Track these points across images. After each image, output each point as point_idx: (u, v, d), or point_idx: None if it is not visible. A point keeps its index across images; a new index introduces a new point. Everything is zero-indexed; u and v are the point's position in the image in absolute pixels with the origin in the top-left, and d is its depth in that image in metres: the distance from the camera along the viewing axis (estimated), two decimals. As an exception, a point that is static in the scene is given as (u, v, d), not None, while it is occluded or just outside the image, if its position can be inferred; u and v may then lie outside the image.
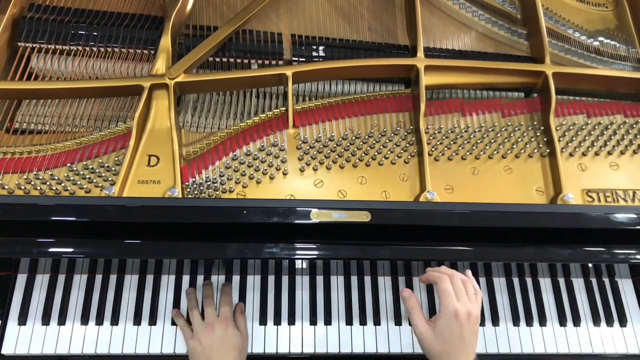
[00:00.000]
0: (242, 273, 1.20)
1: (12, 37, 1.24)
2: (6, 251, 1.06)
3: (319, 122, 1.24)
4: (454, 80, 1.30)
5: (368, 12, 1.41)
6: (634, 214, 1.11)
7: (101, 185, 1.11)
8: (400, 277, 1.22)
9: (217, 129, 1.24)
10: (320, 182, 1.17)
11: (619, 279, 1.26)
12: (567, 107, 1.33)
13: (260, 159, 1.18)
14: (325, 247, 1.09)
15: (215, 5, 1.37)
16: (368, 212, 1.05)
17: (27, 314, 1.13)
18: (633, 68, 1.42)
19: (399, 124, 1.26)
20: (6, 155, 1.13)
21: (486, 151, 1.24)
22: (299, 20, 1.37)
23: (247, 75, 1.24)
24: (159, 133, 1.17)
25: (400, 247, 1.12)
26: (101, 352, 1.11)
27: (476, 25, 1.43)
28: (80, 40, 1.25)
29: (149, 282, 1.18)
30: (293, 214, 1.04)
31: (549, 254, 1.14)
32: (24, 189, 1.09)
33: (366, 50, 1.33)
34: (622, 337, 1.20)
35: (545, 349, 1.18)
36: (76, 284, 1.16)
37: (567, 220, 1.10)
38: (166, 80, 1.19)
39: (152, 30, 1.27)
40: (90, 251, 1.08)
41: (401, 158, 1.21)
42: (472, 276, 1.03)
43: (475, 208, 1.11)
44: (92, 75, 1.26)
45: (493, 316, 1.19)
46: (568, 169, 1.24)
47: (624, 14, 1.52)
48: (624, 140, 1.29)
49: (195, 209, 1.05)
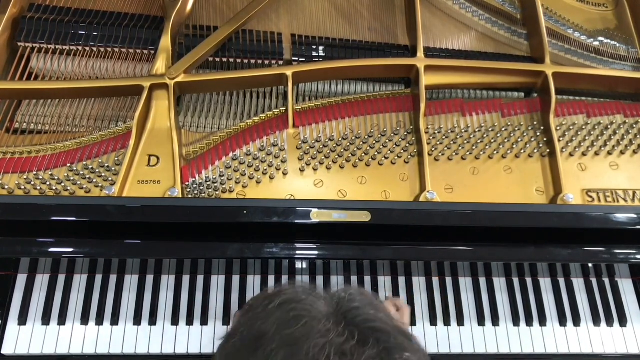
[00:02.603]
0: (242, 273, 1.20)
1: (12, 37, 1.24)
2: (6, 251, 1.06)
3: (319, 122, 1.24)
4: (454, 80, 1.30)
5: (368, 12, 1.41)
6: (634, 214, 1.11)
7: (101, 185, 1.11)
8: (400, 277, 1.22)
9: (217, 129, 1.24)
10: (320, 182, 1.17)
11: (619, 279, 1.26)
12: (567, 107, 1.33)
13: (260, 159, 1.18)
14: (325, 247, 1.09)
15: (215, 5, 1.36)
16: (368, 212, 1.05)
17: (27, 314, 1.12)
18: (633, 68, 1.42)
19: (399, 124, 1.26)
20: (6, 155, 1.13)
21: (486, 151, 1.24)
22: (299, 20, 1.37)
23: (247, 75, 1.24)
24: (159, 133, 1.17)
25: (400, 247, 1.12)
26: (101, 352, 1.11)
27: (476, 25, 1.43)
28: (80, 40, 1.25)
29: (149, 282, 1.18)
30: (293, 214, 1.04)
31: (549, 254, 1.14)
32: (24, 189, 1.09)
33: (366, 50, 1.33)
34: (622, 337, 1.20)
35: (545, 349, 1.18)
36: (76, 284, 1.16)
37: (567, 220, 1.10)
38: (166, 80, 1.19)
39: (152, 30, 1.27)
40: (90, 251, 1.08)
41: (401, 158, 1.21)
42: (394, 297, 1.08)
43: (475, 208, 1.12)
44: (92, 75, 1.26)
45: (493, 316, 1.19)
46: (568, 169, 1.24)
47: (624, 14, 1.52)
48: (624, 140, 1.29)
49: (195, 209, 1.05)
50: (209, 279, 1.18)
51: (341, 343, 0.58)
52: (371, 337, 0.60)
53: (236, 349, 0.64)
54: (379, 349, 0.59)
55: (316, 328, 0.60)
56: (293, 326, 0.60)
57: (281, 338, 0.60)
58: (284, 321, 0.62)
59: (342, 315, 0.63)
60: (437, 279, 1.22)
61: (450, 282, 1.22)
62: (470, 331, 1.18)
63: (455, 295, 1.21)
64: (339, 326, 0.60)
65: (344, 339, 0.59)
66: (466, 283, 1.22)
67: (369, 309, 0.65)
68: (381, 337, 0.61)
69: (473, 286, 1.22)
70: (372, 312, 0.64)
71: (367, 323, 0.62)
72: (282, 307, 0.64)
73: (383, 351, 0.59)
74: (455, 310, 1.19)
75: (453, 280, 1.22)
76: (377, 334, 0.61)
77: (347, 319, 0.62)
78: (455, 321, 1.18)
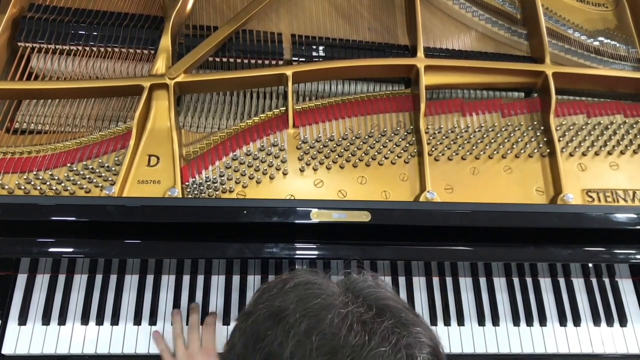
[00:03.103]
0: (242, 273, 1.20)
1: (12, 37, 1.24)
2: (6, 251, 1.06)
3: (319, 122, 1.24)
4: (454, 80, 1.30)
5: (368, 12, 1.41)
6: (634, 214, 1.11)
7: (101, 185, 1.11)
8: (400, 277, 1.22)
9: (217, 129, 1.24)
10: (320, 182, 1.17)
11: (619, 279, 1.26)
12: (567, 107, 1.33)
13: (260, 159, 1.18)
14: (325, 247, 1.09)
15: (215, 5, 1.36)
16: (368, 212, 1.05)
17: (27, 314, 1.12)
18: (633, 68, 1.42)
19: (399, 124, 1.26)
20: (6, 155, 1.13)
21: (486, 151, 1.24)
22: (299, 20, 1.37)
23: (247, 75, 1.24)
24: (159, 133, 1.17)
25: (400, 247, 1.12)
26: (101, 352, 1.11)
27: (476, 25, 1.43)
28: (80, 40, 1.25)
29: (149, 282, 1.18)
30: (293, 214, 1.04)
31: (549, 254, 1.14)
32: (24, 189, 1.09)
33: (366, 50, 1.33)
34: (622, 337, 1.20)
35: (546, 349, 1.18)
36: (76, 284, 1.16)
37: (567, 220, 1.10)
38: (166, 80, 1.19)
39: (152, 30, 1.27)
40: (91, 251, 1.08)
41: (401, 158, 1.21)
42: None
43: (475, 208, 1.12)
44: (92, 75, 1.26)
45: (493, 316, 1.19)
46: (568, 169, 1.24)
47: (624, 14, 1.52)
48: (624, 140, 1.29)
49: (195, 209, 1.05)
50: (209, 279, 1.18)
51: (361, 313, 0.61)
52: (387, 311, 0.63)
53: (257, 324, 0.65)
54: (395, 321, 0.61)
55: (336, 301, 0.63)
56: (313, 300, 0.63)
57: (303, 310, 0.62)
58: (302, 297, 0.64)
59: (356, 293, 0.65)
60: (437, 278, 1.22)
61: (450, 282, 1.22)
62: (470, 331, 1.18)
63: (456, 295, 1.21)
64: (357, 300, 0.63)
65: (363, 310, 0.62)
66: (466, 283, 1.22)
67: (379, 288, 0.67)
68: (395, 312, 0.63)
69: (473, 286, 1.22)
70: (382, 291, 0.67)
71: (380, 300, 0.65)
72: (298, 287, 0.66)
73: (398, 323, 0.62)
74: (455, 310, 1.19)
75: (453, 280, 1.22)
76: (392, 309, 0.64)
77: (362, 296, 0.65)
78: (455, 321, 1.18)
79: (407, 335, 0.61)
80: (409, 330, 0.62)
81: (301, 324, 0.60)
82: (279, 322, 0.62)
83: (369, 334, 0.59)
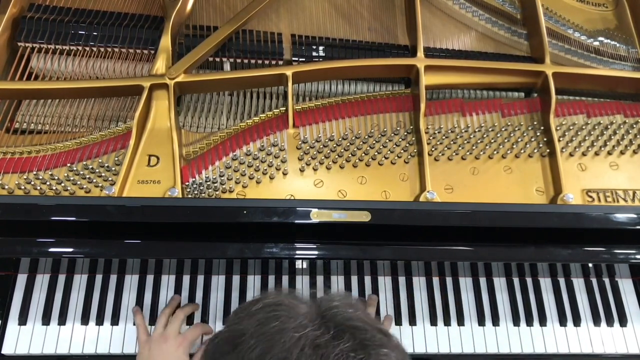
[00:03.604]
0: (242, 273, 1.20)
1: (12, 37, 1.24)
2: (6, 251, 1.06)
3: (319, 122, 1.24)
4: (454, 80, 1.30)
5: (368, 12, 1.41)
6: (634, 214, 1.11)
7: (101, 185, 1.11)
8: (400, 277, 1.22)
9: (217, 129, 1.24)
10: (320, 182, 1.17)
11: (619, 279, 1.26)
12: (567, 107, 1.33)
13: (260, 159, 1.18)
14: (325, 247, 1.09)
15: (215, 5, 1.36)
16: (368, 212, 1.05)
17: (28, 314, 1.13)
18: (633, 68, 1.42)
19: (399, 124, 1.26)
20: (6, 155, 1.13)
21: (486, 151, 1.24)
22: (299, 20, 1.37)
23: (247, 75, 1.24)
24: (159, 133, 1.17)
25: (400, 247, 1.12)
26: (101, 352, 1.11)
27: (476, 25, 1.43)
28: (80, 40, 1.25)
29: (149, 282, 1.18)
30: (293, 214, 1.04)
31: (549, 254, 1.14)
32: (24, 189, 1.09)
33: (366, 50, 1.33)
34: (622, 337, 1.20)
35: (546, 349, 1.18)
36: (76, 284, 1.16)
37: (567, 220, 1.10)
38: (166, 80, 1.19)
39: (152, 30, 1.27)
40: (91, 251, 1.08)
41: (401, 158, 1.21)
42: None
43: (475, 208, 1.12)
44: (92, 75, 1.26)
45: (493, 316, 1.19)
46: (568, 169, 1.24)
47: (624, 14, 1.52)
48: (624, 140, 1.29)
49: (195, 209, 1.05)
50: (209, 279, 1.19)
51: (316, 337, 0.61)
52: (347, 333, 0.62)
53: (218, 347, 0.67)
54: (354, 343, 0.61)
55: (292, 325, 0.63)
56: (271, 323, 0.63)
57: (259, 335, 0.63)
58: (262, 321, 0.65)
59: (320, 313, 0.65)
60: (437, 278, 1.22)
61: (450, 282, 1.22)
62: (470, 331, 1.18)
63: (456, 295, 1.21)
64: (315, 323, 0.63)
65: (319, 333, 0.62)
66: (466, 283, 1.23)
67: (348, 307, 0.67)
68: (357, 333, 0.63)
69: (473, 286, 1.22)
70: (351, 310, 0.67)
71: (344, 321, 0.64)
72: (263, 310, 0.67)
73: (358, 345, 0.61)
74: (455, 310, 1.19)
75: (453, 280, 1.22)
76: (354, 330, 0.63)
77: (325, 316, 0.65)
78: (455, 321, 1.18)
79: (366, 358, 0.61)
80: (369, 353, 0.61)
81: (255, 349, 0.61)
82: (234, 347, 0.63)
83: (320, 357, 0.59)
